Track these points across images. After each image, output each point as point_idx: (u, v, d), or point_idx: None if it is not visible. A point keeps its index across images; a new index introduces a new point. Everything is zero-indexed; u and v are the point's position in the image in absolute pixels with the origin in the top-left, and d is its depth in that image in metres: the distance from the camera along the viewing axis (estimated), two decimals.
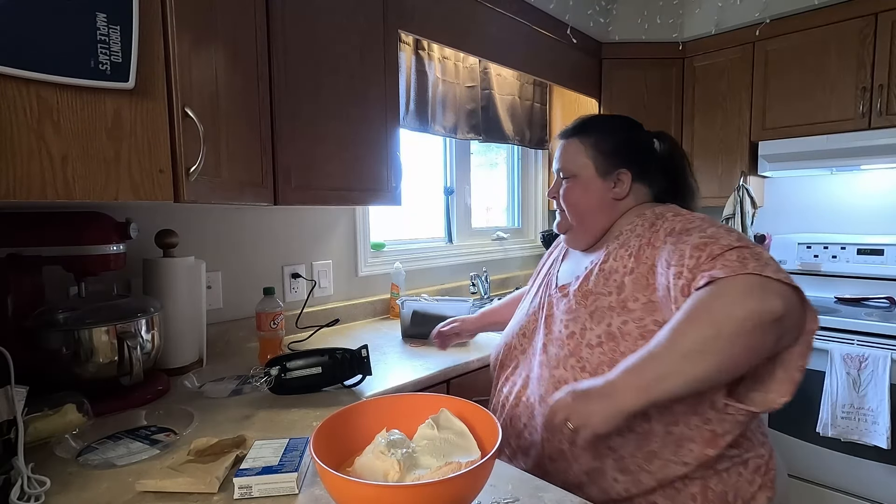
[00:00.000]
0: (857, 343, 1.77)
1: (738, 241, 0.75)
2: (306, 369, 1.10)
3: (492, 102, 2.25)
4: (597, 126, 1.02)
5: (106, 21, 0.69)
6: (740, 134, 2.29)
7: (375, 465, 0.66)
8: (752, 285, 0.67)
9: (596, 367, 0.83)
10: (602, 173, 0.98)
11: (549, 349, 0.92)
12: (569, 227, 1.02)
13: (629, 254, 0.88)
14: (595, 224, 0.99)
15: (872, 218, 2.25)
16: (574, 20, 2.19)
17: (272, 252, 1.65)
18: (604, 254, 0.94)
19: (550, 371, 0.89)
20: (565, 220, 1.02)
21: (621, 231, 0.95)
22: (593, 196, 0.98)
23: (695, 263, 0.75)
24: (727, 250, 0.73)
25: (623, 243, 0.91)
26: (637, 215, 0.96)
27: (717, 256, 0.73)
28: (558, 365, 0.88)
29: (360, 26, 1.38)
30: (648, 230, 0.89)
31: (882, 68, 1.91)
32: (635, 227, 0.93)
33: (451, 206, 2.32)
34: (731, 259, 0.71)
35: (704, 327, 0.67)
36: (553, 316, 0.95)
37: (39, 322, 0.99)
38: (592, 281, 0.91)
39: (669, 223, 0.87)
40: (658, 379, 0.67)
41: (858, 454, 1.78)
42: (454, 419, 0.75)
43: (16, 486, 0.68)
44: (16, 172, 0.64)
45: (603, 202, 0.98)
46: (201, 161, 0.82)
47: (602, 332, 0.85)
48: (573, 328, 0.89)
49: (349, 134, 1.37)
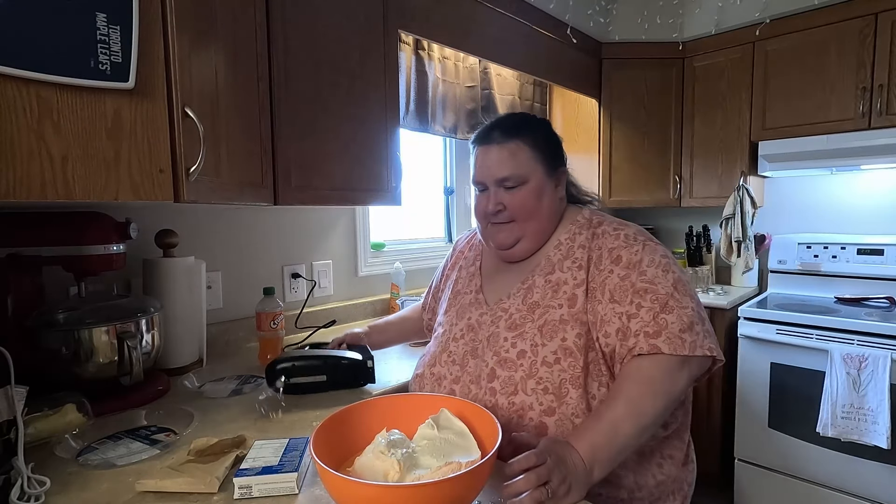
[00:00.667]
0: (857, 343, 1.77)
1: (674, 288, 0.81)
2: (311, 376, 1.09)
3: (492, 102, 2.25)
4: (526, 124, 0.95)
5: (106, 21, 0.69)
6: (740, 134, 2.29)
7: (375, 465, 0.66)
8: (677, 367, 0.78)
9: (558, 385, 0.80)
10: (548, 175, 0.92)
11: (498, 373, 0.85)
12: (519, 239, 0.92)
13: (577, 265, 0.87)
14: (547, 231, 0.93)
15: (872, 218, 2.25)
16: (574, 20, 2.19)
17: (272, 252, 1.65)
18: (544, 264, 0.90)
19: (509, 399, 0.82)
20: (514, 231, 0.92)
21: (559, 240, 0.92)
22: (547, 200, 0.92)
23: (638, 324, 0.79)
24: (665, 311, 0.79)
25: (567, 254, 0.90)
26: (570, 222, 0.94)
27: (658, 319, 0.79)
28: (516, 390, 0.82)
29: (360, 26, 1.38)
30: (591, 241, 0.89)
31: (882, 68, 1.90)
32: (574, 235, 0.91)
33: (451, 206, 2.32)
34: (673, 331, 0.78)
35: (659, 404, 0.76)
36: (495, 335, 0.88)
37: (39, 322, 0.99)
38: (538, 293, 0.88)
39: (610, 241, 0.88)
40: (622, 452, 0.74)
41: (858, 454, 1.78)
42: (454, 419, 0.75)
43: (16, 486, 0.68)
44: (16, 172, 0.64)
45: (553, 205, 0.93)
46: (201, 161, 0.82)
47: (557, 348, 0.82)
48: (522, 346, 0.84)
49: (349, 134, 1.37)
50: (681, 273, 0.85)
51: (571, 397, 0.80)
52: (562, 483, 0.65)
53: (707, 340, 0.80)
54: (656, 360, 0.78)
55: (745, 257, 2.26)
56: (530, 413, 0.81)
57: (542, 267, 0.91)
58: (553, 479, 0.64)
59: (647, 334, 0.78)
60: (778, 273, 2.42)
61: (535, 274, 0.91)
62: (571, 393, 0.80)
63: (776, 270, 2.43)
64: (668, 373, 0.77)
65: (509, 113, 1.29)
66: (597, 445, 0.71)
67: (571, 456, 0.69)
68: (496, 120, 0.96)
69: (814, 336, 1.86)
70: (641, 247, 0.85)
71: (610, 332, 0.81)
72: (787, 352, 1.93)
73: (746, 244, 2.25)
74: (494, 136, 0.92)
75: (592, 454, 0.70)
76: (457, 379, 0.90)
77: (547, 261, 0.91)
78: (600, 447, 0.71)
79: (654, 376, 0.77)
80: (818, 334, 1.85)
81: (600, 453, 0.71)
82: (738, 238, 2.24)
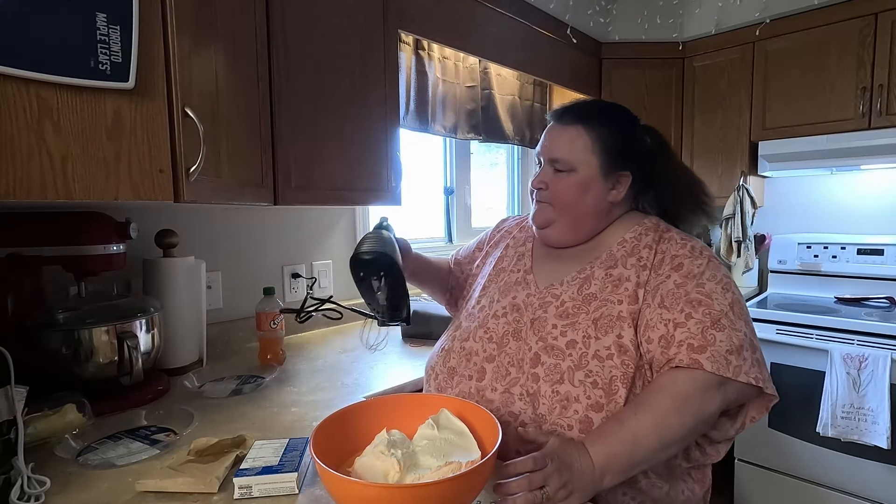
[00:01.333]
0: (857, 343, 1.77)
1: (730, 308, 0.78)
2: None
3: (492, 102, 2.25)
4: (603, 115, 0.91)
5: (106, 21, 0.69)
6: (740, 134, 2.29)
7: (375, 465, 0.66)
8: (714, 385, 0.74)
9: (609, 381, 0.77)
10: (604, 173, 0.88)
11: (542, 359, 0.82)
12: (551, 222, 0.91)
13: (642, 265, 0.84)
14: (586, 227, 0.91)
15: (872, 218, 2.25)
16: (574, 20, 2.19)
17: (272, 252, 1.65)
18: (605, 257, 0.87)
19: (553, 387, 0.79)
20: (548, 213, 0.91)
21: (623, 238, 0.89)
22: (591, 197, 0.88)
23: (684, 335, 0.76)
24: (716, 328, 0.76)
25: (632, 251, 0.86)
26: (636, 223, 0.91)
27: (707, 333, 0.75)
28: (562, 379, 0.79)
29: (360, 26, 1.38)
30: (657, 243, 0.86)
31: (882, 68, 1.90)
32: (640, 235, 0.88)
33: (451, 205, 2.32)
34: (720, 350, 0.74)
35: (689, 422, 0.72)
36: (542, 320, 0.85)
37: (39, 322, 0.99)
38: (596, 285, 0.85)
39: (675, 248, 0.85)
40: (638, 465, 0.72)
41: (858, 454, 1.78)
42: (454, 419, 0.74)
43: (16, 486, 0.68)
44: (16, 172, 0.64)
45: (600, 205, 0.90)
46: (201, 161, 0.82)
47: (612, 343, 0.79)
48: (572, 336, 0.81)
49: (349, 134, 1.37)
50: (741, 297, 0.81)
51: (621, 395, 0.77)
52: (561, 488, 0.64)
53: (754, 369, 0.76)
54: (694, 375, 0.74)
55: (745, 257, 2.26)
56: (575, 405, 0.77)
57: (602, 260, 0.87)
58: (550, 485, 0.63)
59: (692, 347, 0.75)
60: (778, 273, 2.42)
61: (594, 266, 0.87)
62: (621, 391, 0.77)
63: (776, 270, 2.43)
64: (703, 391, 0.73)
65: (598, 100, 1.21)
66: (613, 454, 0.69)
67: (581, 460, 0.67)
68: (578, 101, 0.96)
69: (814, 336, 1.86)
70: (706, 261, 0.82)
71: (653, 339, 0.78)
72: (787, 352, 1.93)
73: (746, 244, 2.25)
74: (565, 116, 0.91)
75: (607, 462, 0.68)
76: (491, 357, 0.86)
77: (609, 255, 0.88)
78: (616, 456, 0.69)
79: (688, 393, 0.73)
80: (818, 334, 1.85)
81: (615, 463, 0.69)
82: (738, 238, 2.24)
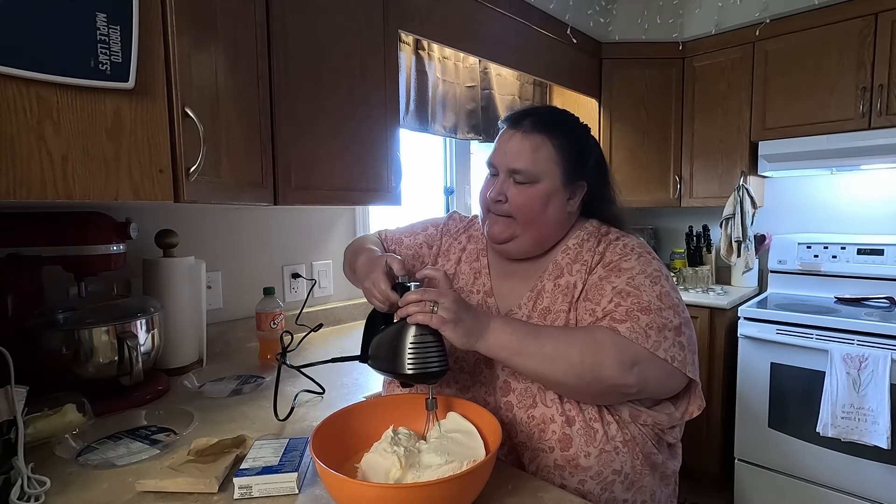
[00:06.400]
0: (857, 343, 1.77)
1: (658, 299, 0.77)
2: None
3: (492, 102, 2.25)
4: (563, 123, 0.88)
5: (106, 21, 0.68)
6: (740, 134, 2.29)
7: (379, 462, 0.66)
8: (630, 359, 0.72)
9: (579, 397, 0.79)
10: (565, 183, 0.85)
11: (513, 386, 0.81)
12: (514, 237, 0.87)
13: (587, 269, 0.85)
14: (549, 239, 0.89)
15: (872, 218, 2.25)
16: (574, 20, 2.19)
17: (272, 252, 1.65)
18: (552, 268, 0.88)
19: (528, 412, 0.79)
20: (512, 228, 0.86)
21: (567, 245, 0.89)
22: (553, 209, 0.85)
23: (610, 309, 0.77)
24: (642, 312, 0.75)
25: (576, 258, 0.87)
26: (579, 228, 0.91)
27: (631, 314, 0.75)
28: (535, 403, 0.79)
29: (360, 26, 1.38)
30: (596, 246, 0.87)
31: (882, 68, 1.90)
32: (582, 241, 0.89)
33: (451, 206, 2.32)
34: (640, 324, 0.74)
35: (576, 358, 0.72)
36: None
37: (39, 322, 0.99)
38: (547, 298, 0.85)
39: (611, 247, 0.86)
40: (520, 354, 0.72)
41: (858, 454, 1.78)
42: (462, 420, 0.75)
43: (16, 486, 0.68)
44: (16, 172, 0.64)
45: (560, 217, 0.87)
46: (201, 161, 0.82)
47: None
48: None
49: (349, 134, 1.37)
50: (671, 290, 0.80)
51: (586, 402, 0.78)
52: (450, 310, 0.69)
53: (675, 349, 0.74)
54: (613, 335, 0.73)
55: (745, 257, 2.26)
56: (552, 426, 0.78)
57: (549, 272, 0.88)
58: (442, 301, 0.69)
59: (613, 318, 0.76)
60: (778, 273, 2.42)
61: (543, 279, 0.87)
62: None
63: (776, 270, 2.43)
64: (617, 350, 0.72)
65: (553, 106, 1.19)
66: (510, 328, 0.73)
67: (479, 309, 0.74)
68: (535, 107, 0.92)
69: (814, 336, 1.86)
70: (636, 256, 0.83)
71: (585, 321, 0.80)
72: (788, 352, 1.93)
73: (746, 244, 2.25)
74: (524, 123, 0.85)
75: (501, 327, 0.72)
76: (466, 388, 0.86)
77: (555, 265, 0.88)
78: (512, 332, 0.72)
79: (603, 343, 0.73)
80: (818, 334, 1.85)
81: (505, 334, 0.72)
82: (738, 238, 2.24)
